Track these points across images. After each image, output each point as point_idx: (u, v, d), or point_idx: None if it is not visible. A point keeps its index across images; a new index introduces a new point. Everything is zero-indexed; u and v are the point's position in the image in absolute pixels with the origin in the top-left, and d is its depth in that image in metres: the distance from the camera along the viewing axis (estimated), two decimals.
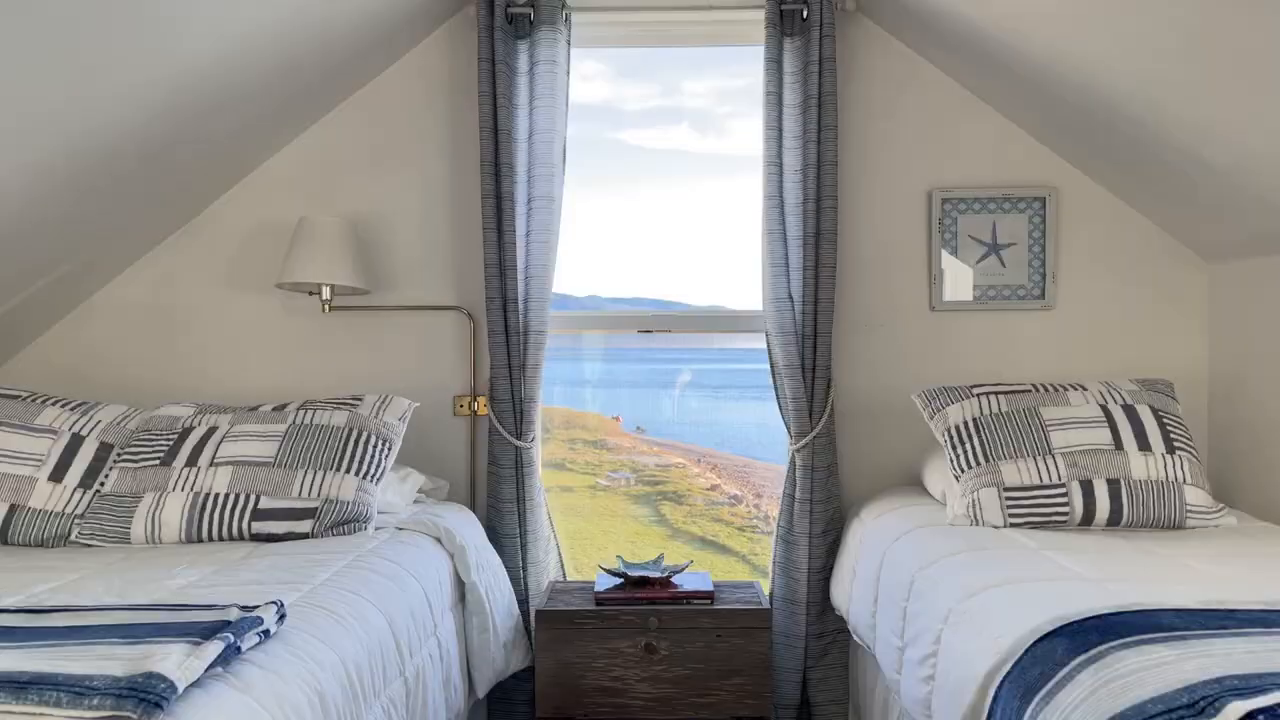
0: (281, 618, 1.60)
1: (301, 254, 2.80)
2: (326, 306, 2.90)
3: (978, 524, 2.38)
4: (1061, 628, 1.52)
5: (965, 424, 2.53)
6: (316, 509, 2.36)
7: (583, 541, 3.14)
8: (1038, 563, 1.99)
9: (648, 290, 3.04)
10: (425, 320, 3.06)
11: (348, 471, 2.44)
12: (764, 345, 2.88)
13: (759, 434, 3.14)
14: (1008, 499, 2.37)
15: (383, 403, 2.65)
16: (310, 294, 2.99)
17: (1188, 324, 3.00)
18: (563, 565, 3.05)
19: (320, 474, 2.41)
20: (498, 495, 2.89)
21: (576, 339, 3.27)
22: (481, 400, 3.03)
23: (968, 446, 2.49)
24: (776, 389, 2.90)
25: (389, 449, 2.56)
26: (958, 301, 3.01)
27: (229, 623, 1.48)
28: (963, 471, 2.47)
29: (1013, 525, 2.35)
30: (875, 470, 3.02)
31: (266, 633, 1.53)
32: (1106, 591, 1.72)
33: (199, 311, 3.07)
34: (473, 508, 3.01)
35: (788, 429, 2.89)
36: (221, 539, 2.34)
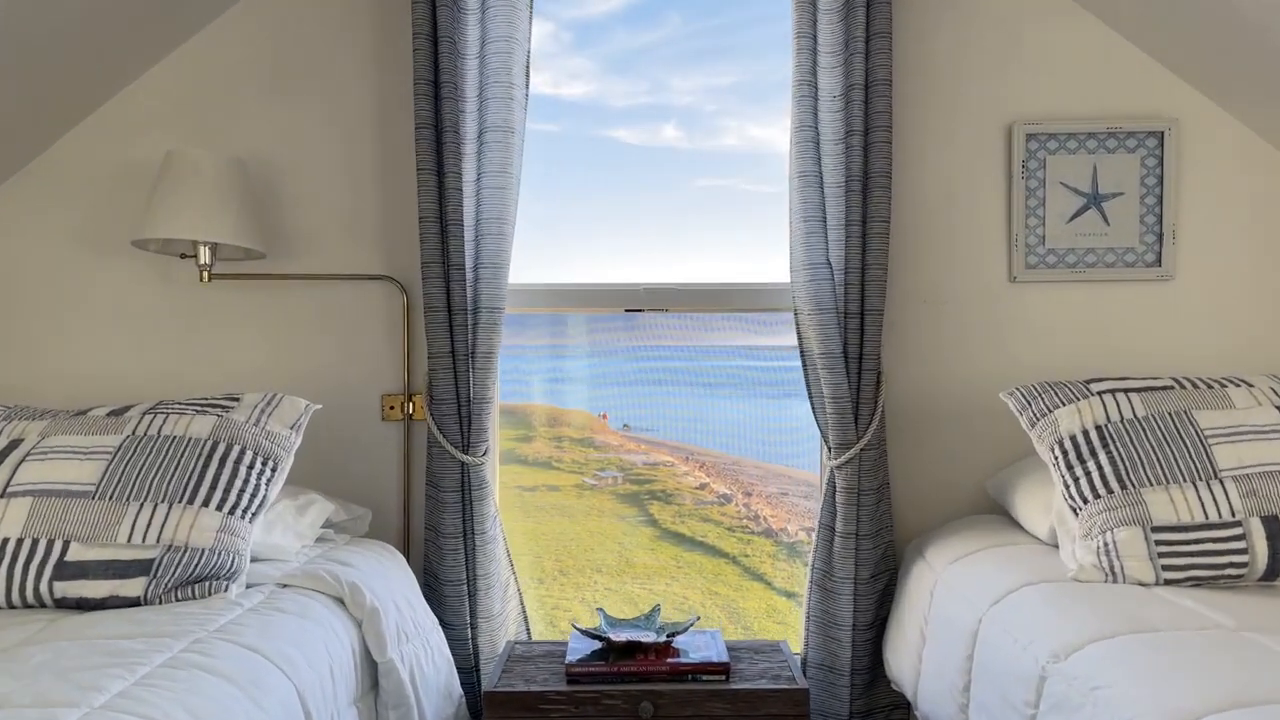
0: None
1: (169, 201, 2.05)
2: (206, 274, 2.16)
3: (1116, 578, 1.65)
4: None
5: (1085, 434, 1.80)
6: (153, 561, 1.61)
7: (568, 544, 2.57)
8: (1253, 656, 1.27)
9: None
10: (342, 294, 2.32)
11: (206, 504, 1.69)
12: (756, 343, 2.42)
13: (749, 430, 2.66)
14: (1159, 543, 1.64)
15: (268, 404, 1.90)
16: (184, 257, 2.24)
17: None
18: (526, 619, 2.32)
19: (164, 508, 1.66)
20: (438, 528, 2.16)
21: (558, 333, 2.61)
22: (418, 400, 2.29)
23: (1090, 465, 1.76)
24: (809, 385, 2.20)
25: (274, 470, 1.81)
26: (1046, 269, 2.30)
27: None
28: (1084, 502, 1.75)
29: (1169, 582, 1.63)
30: (937, 493, 2.33)
31: None
32: None
33: (34, 281, 2.32)
34: (406, 545, 2.28)
35: (824, 439, 2.18)
36: (12, 606, 1.60)
